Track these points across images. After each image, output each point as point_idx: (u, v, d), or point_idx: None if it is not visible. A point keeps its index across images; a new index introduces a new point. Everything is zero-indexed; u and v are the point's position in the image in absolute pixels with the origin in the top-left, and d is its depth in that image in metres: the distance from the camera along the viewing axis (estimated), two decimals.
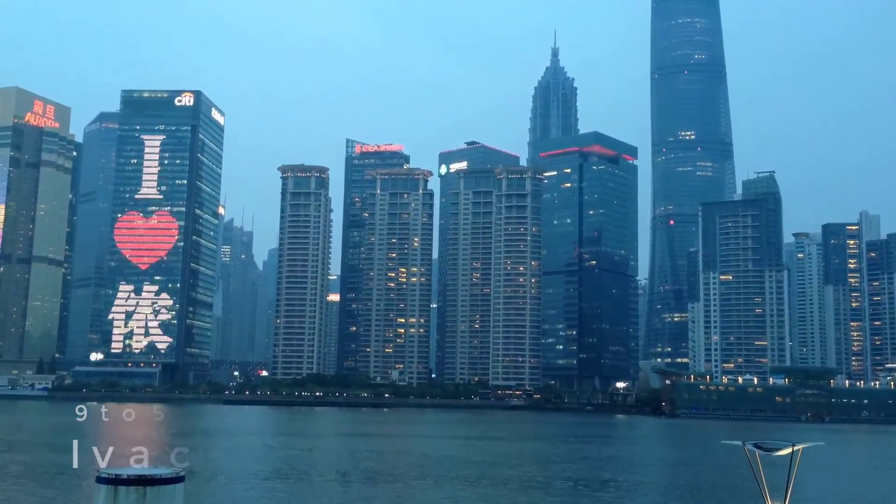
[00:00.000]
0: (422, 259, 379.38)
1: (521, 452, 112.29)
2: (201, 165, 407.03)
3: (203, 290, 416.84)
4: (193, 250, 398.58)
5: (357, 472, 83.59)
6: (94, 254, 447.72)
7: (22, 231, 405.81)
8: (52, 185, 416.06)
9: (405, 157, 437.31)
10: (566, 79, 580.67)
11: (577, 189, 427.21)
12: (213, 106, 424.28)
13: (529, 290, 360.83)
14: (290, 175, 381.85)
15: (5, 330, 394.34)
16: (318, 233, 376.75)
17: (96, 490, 12.76)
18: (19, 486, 64.51)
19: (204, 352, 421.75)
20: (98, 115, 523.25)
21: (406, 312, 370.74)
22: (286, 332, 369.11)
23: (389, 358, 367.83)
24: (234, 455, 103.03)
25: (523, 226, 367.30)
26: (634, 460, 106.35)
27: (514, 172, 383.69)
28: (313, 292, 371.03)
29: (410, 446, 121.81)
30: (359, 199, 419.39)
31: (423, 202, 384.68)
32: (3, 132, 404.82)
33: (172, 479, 13.10)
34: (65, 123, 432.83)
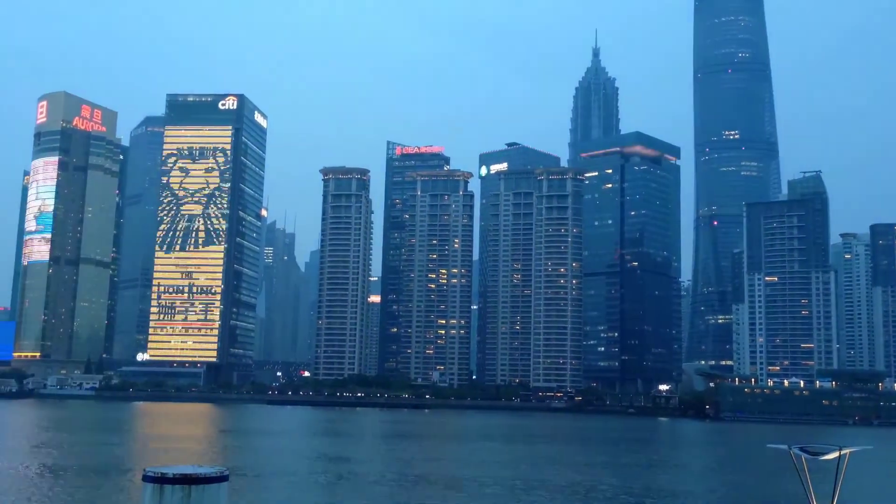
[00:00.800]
0: (462, 260, 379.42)
1: (563, 455, 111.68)
2: (244, 168, 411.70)
3: (246, 291, 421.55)
4: (237, 252, 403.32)
5: (398, 473, 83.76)
6: (141, 255, 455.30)
7: (70, 233, 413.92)
8: (100, 188, 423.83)
9: (445, 158, 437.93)
10: (607, 79, 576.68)
11: (618, 190, 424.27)
12: (256, 109, 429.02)
13: (570, 291, 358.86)
14: (331, 177, 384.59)
15: (54, 330, 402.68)
16: (359, 234, 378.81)
17: (143, 488, 12.97)
18: (70, 484, 65.88)
19: (247, 352, 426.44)
20: (144, 119, 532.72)
21: (447, 314, 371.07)
22: (328, 333, 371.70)
23: (430, 359, 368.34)
24: (277, 455, 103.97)
25: (564, 227, 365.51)
26: (678, 465, 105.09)
27: (554, 173, 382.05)
28: (354, 293, 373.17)
29: (452, 448, 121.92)
30: (399, 201, 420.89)
31: (464, 204, 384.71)
32: (51, 136, 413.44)
33: (216, 477, 13.25)
34: (111, 127, 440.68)
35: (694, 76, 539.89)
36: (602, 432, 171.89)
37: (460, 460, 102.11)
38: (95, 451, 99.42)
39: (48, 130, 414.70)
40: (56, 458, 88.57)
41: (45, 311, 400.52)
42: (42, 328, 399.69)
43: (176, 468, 13.20)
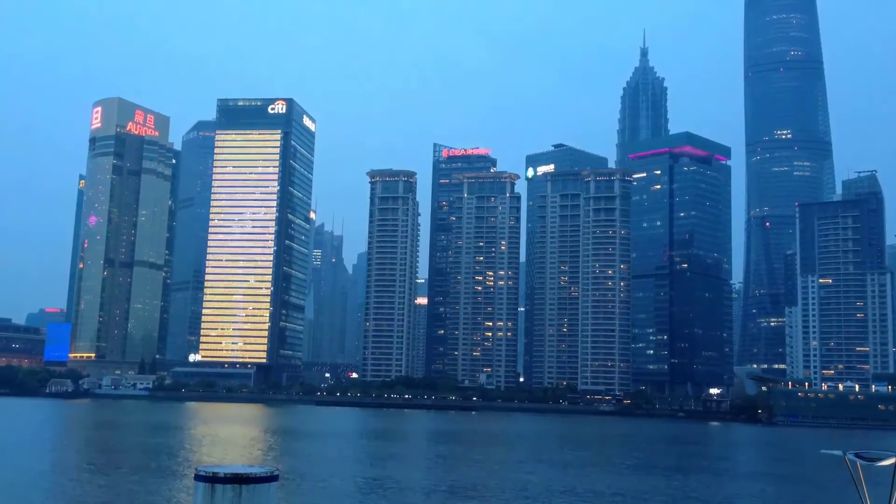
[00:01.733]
0: (509, 262, 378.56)
1: (612, 460, 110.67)
2: (293, 171, 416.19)
3: (295, 293, 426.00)
4: (286, 254, 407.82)
5: (445, 477, 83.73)
6: (193, 258, 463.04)
7: (124, 236, 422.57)
8: (153, 191, 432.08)
9: (492, 160, 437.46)
10: (656, 79, 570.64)
11: (667, 191, 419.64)
12: (305, 113, 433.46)
13: (618, 293, 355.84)
14: (378, 180, 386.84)
15: (109, 332, 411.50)
16: (405, 237, 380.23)
17: (196, 487, 13.21)
18: (124, 483, 67.24)
19: (296, 353, 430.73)
20: (195, 124, 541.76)
21: (493, 316, 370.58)
22: (375, 335, 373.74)
23: (477, 361, 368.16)
24: (323, 456, 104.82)
25: (612, 228, 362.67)
26: (731, 470, 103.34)
27: (602, 175, 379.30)
28: (401, 296, 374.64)
29: (500, 451, 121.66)
30: (446, 203, 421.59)
31: (510, 205, 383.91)
32: (106, 141, 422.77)
33: (266, 477, 13.45)
34: (164, 132, 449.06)
35: (745, 75, 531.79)
36: (652, 435, 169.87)
37: (508, 463, 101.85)
38: (148, 450, 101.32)
39: (103, 136, 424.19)
40: (110, 458, 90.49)
41: (100, 313, 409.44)
42: (97, 329, 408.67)
43: (227, 468, 13.41)
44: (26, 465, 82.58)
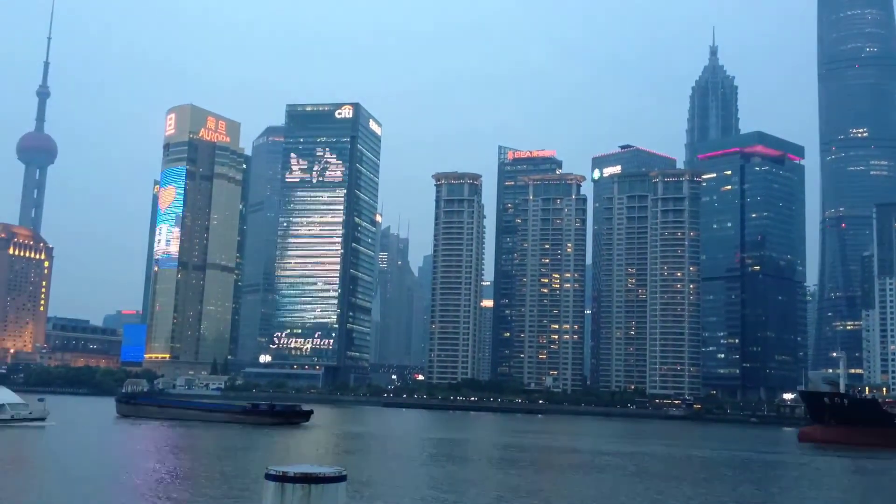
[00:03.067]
0: (575, 265, 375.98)
1: (687, 466, 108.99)
2: (359, 175, 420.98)
3: (362, 295, 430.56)
4: (353, 257, 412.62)
5: (517, 481, 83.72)
6: (262, 261, 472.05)
7: (197, 240, 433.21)
8: (224, 196, 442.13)
9: (558, 162, 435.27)
10: (725, 77, 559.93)
11: (738, 191, 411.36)
12: (371, 117, 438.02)
13: (688, 296, 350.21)
14: (443, 182, 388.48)
15: (183, 333, 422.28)
16: (471, 239, 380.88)
17: (265, 486, 13.62)
18: (196, 482, 68.96)
19: (363, 355, 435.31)
20: (265, 129, 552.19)
21: (559, 318, 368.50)
22: (441, 337, 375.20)
23: (543, 364, 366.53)
24: (394, 456, 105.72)
25: (681, 230, 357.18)
26: (810, 479, 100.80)
27: (670, 175, 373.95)
28: (467, 298, 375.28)
29: (574, 455, 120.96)
30: (511, 206, 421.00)
31: (576, 207, 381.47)
32: (180, 147, 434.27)
33: (335, 477, 13.80)
34: (235, 138, 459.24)
35: (818, 72, 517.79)
36: (725, 441, 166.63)
37: (583, 468, 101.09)
38: (219, 449, 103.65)
39: (176, 142, 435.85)
40: (183, 458, 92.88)
41: (174, 315, 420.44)
42: (171, 330, 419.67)
43: (297, 467, 13.79)
44: (104, 462, 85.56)
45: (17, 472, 70.82)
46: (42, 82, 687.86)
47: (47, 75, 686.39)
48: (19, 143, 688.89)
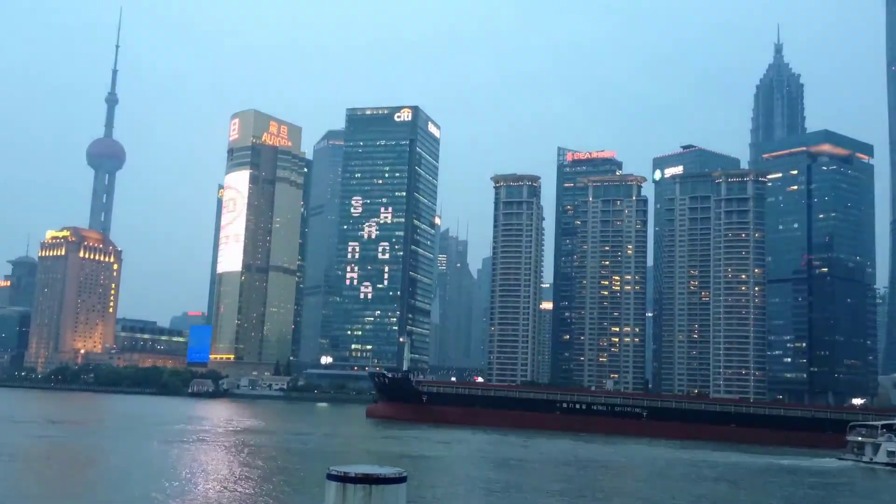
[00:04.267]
0: (636, 267, 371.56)
1: (753, 472, 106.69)
2: (419, 177, 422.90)
3: (421, 297, 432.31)
4: (412, 259, 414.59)
5: (574, 486, 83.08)
6: (324, 263, 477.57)
7: (260, 243, 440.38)
8: (286, 199, 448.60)
9: (618, 163, 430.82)
10: (791, 75, 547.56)
11: (804, 192, 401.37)
12: (430, 120, 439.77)
13: (752, 298, 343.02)
14: (502, 184, 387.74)
15: (246, 334, 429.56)
16: (530, 241, 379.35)
17: (327, 486, 13.85)
18: (258, 481, 70.08)
19: (423, 357, 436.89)
20: (326, 133, 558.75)
21: (620, 321, 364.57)
22: (500, 340, 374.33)
23: (604, 367, 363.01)
24: (453, 458, 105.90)
25: (745, 231, 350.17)
26: (881, 489, 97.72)
27: (734, 176, 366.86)
28: (526, 300, 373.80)
29: (631, 460, 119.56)
30: (571, 207, 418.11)
31: (637, 209, 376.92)
32: (243, 152, 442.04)
33: (395, 478, 13.96)
34: (296, 142, 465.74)
35: (887, 69, 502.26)
36: (790, 447, 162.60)
37: (641, 473, 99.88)
38: (281, 449, 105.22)
39: (240, 146, 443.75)
40: (245, 457, 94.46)
41: (238, 316, 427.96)
42: (235, 332, 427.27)
43: (358, 468, 13.99)
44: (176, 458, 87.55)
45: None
46: (111, 89, 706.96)
47: (116, 82, 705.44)
48: (89, 148, 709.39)
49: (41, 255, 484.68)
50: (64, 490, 64.55)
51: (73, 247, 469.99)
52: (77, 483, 69.94)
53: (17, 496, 59.03)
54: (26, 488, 63.35)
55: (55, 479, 71.33)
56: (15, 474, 71.28)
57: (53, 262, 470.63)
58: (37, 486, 65.84)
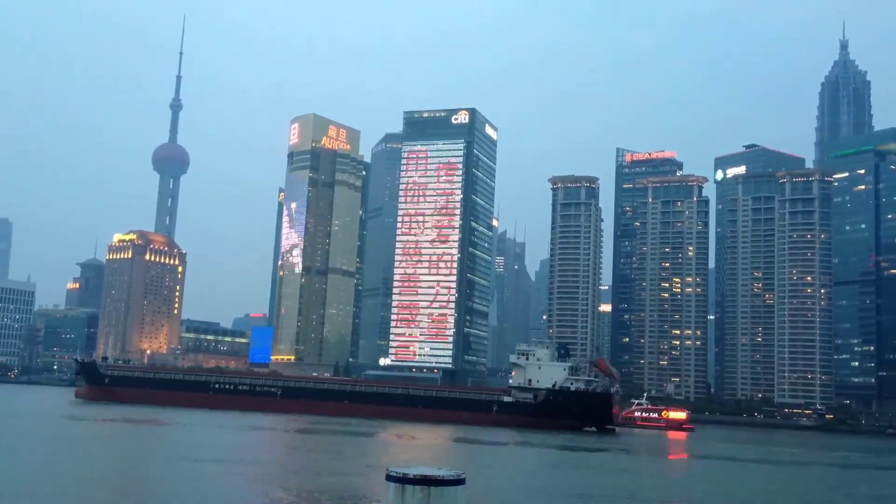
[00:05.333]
0: (697, 269, 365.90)
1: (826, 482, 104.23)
2: (476, 180, 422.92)
3: (479, 299, 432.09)
4: (469, 261, 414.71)
5: (633, 492, 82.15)
6: (382, 265, 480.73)
7: (320, 245, 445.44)
8: (345, 202, 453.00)
9: (678, 163, 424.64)
10: (857, 72, 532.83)
11: (872, 191, 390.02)
12: (487, 122, 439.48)
13: (818, 301, 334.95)
14: (560, 186, 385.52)
15: (306, 335, 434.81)
16: (588, 243, 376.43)
17: (385, 487, 14.10)
18: (317, 480, 70.95)
19: (481, 359, 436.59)
20: (384, 136, 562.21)
21: (681, 324, 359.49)
22: (559, 342, 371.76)
23: (664, 370, 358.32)
24: (513, 461, 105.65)
25: (810, 232, 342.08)
26: None
27: (799, 176, 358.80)
28: (584, 302, 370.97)
29: (698, 466, 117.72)
30: (630, 209, 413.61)
31: (698, 210, 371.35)
32: (302, 155, 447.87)
33: (454, 480, 14.14)
34: (355, 145, 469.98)
35: None
36: (864, 455, 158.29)
37: (708, 483, 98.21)
38: (341, 449, 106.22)
39: (300, 150, 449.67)
40: (304, 457, 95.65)
41: (298, 318, 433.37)
42: (296, 333, 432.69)
43: (416, 469, 14.19)
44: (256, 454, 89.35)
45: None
46: (175, 95, 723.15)
47: (180, 88, 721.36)
48: (154, 153, 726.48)
49: (109, 258, 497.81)
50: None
51: (139, 249, 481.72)
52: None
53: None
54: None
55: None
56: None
57: (120, 265, 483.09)
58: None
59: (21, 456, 78.31)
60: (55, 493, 56.80)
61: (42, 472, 67.92)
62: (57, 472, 68.25)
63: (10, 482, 59.37)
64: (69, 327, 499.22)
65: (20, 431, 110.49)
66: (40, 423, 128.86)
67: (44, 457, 79.22)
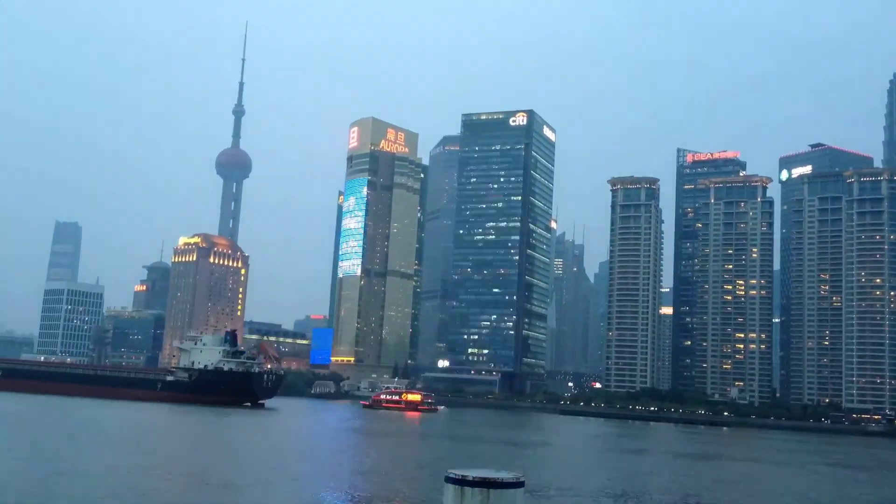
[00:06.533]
0: (761, 271, 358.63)
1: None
2: (534, 182, 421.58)
3: (538, 302, 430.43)
4: (528, 264, 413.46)
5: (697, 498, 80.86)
6: (440, 268, 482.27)
7: (378, 248, 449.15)
8: (403, 205, 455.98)
9: (741, 163, 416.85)
10: None
11: None
12: (545, 123, 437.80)
13: (888, 303, 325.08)
14: (619, 187, 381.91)
15: (366, 337, 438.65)
16: (648, 245, 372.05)
17: (445, 489, 14.22)
18: (377, 481, 71.50)
19: (539, 362, 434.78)
20: (441, 139, 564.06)
21: (745, 327, 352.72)
22: (618, 345, 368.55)
23: (728, 374, 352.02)
24: (573, 465, 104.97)
25: (879, 233, 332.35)
26: None
27: (867, 175, 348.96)
28: (645, 305, 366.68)
29: (766, 475, 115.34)
30: (691, 210, 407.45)
31: (762, 210, 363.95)
32: (362, 159, 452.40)
33: (513, 483, 14.21)
34: (413, 148, 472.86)
35: None
36: None
37: (779, 492, 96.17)
38: (400, 451, 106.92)
39: (359, 154, 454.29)
40: (364, 458, 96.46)
41: (357, 320, 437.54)
42: (355, 335, 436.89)
43: (476, 471, 14.30)
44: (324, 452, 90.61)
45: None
46: (237, 101, 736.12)
47: (242, 94, 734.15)
48: (218, 158, 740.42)
49: (174, 261, 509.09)
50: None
51: (203, 252, 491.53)
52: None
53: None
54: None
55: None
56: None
57: (185, 268, 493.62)
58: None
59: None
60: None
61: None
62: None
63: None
64: (136, 329, 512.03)
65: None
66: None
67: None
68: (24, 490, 53.08)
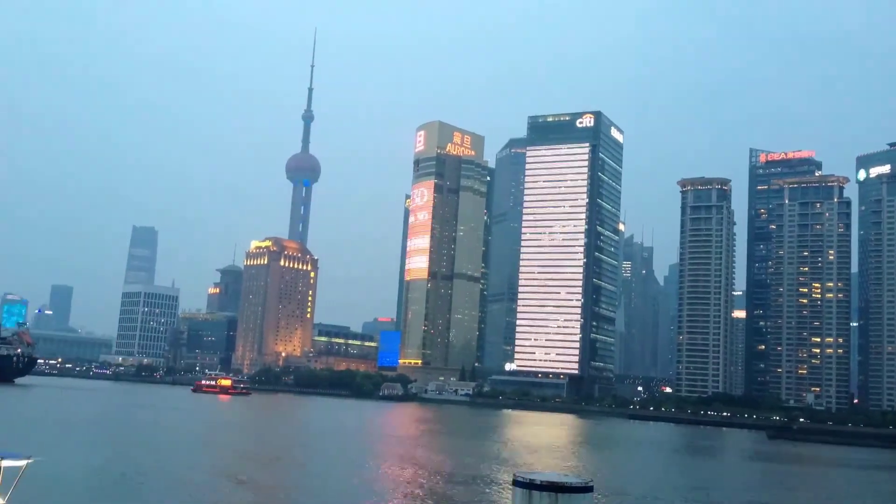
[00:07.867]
0: (839, 273, 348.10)
1: None
2: (601, 183, 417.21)
3: (605, 305, 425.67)
4: (595, 266, 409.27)
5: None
6: (507, 271, 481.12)
7: (445, 251, 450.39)
8: (470, 208, 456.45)
9: (816, 163, 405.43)
10: None
11: None
12: (613, 125, 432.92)
13: None
14: (689, 189, 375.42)
15: (433, 340, 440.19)
16: (720, 247, 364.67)
17: (513, 492, 14.26)
18: (442, 483, 71.64)
19: (608, 365, 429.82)
20: (507, 142, 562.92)
21: (821, 331, 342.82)
22: (689, 349, 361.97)
23: (803, 380, 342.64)
24: (644, 471, 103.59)
25: None
26: None
27: None
28: (717, 308, 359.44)
29: (840, 482, 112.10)
30: (764, 211, 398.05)
31: (839, 211, 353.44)
32: (428, 162, 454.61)
33: (582, 487, 14.16)
34: (479, 151, 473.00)
35: None
36: None
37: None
38: (468, 453, 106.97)
39: (425, 157, 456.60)
40: (430, 459, 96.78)
41: (424, 322, 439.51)
42: (422, 338, 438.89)
43: (544, 475, 14.28)
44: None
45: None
46: (307, 107, 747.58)
47: (311, 100, 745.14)
48: (288, 163, 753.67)
49: (246, 264, 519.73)
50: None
51: (274, 256, 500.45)
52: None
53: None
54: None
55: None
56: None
57: (257, 271, 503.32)
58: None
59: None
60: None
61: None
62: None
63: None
64: (210, 330, 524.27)
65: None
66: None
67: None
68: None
